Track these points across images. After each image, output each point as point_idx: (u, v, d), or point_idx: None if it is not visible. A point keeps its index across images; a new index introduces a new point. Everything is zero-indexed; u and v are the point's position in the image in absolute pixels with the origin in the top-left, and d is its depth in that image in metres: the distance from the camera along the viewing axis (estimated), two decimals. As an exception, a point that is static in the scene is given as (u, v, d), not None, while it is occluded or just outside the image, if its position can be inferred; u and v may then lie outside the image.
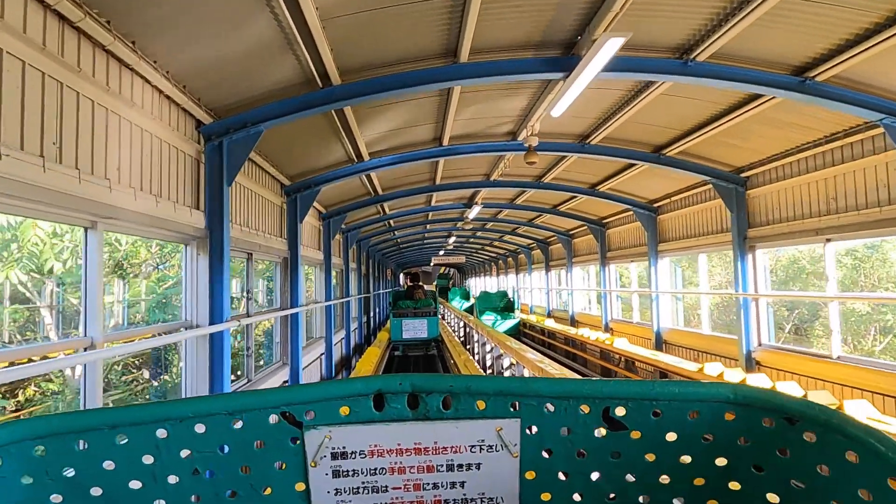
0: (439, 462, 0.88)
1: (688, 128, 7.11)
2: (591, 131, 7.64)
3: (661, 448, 0.85)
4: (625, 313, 13.89)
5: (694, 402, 0.84)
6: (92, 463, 0.80)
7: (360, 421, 0.85)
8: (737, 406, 0.83)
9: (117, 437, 0.81)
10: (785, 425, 0.79)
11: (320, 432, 0.85)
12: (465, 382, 0.87)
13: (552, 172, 10.26)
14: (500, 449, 0.88)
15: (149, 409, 0.83)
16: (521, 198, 13.29)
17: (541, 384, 0.87)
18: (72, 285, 6.82)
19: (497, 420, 0.87)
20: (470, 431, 0.87)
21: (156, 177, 4.14)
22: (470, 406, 0.87)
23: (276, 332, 7.76)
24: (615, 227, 13.38)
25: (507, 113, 7.07)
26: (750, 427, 0.83)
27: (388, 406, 0.86)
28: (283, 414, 0.84)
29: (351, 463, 0.86)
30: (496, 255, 31.18)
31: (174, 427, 0.82)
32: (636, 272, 12.99)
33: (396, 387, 0.86)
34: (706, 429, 0.84)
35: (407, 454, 0.88)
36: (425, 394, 0.86)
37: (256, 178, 6.63)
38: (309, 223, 9.51)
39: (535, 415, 0.86)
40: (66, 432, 0.80)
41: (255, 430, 0.83)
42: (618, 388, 0.85)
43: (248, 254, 6.42)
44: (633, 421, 0.85)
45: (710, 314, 10.44)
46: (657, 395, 0.84)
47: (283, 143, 6.60)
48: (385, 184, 10.31)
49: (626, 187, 10.74)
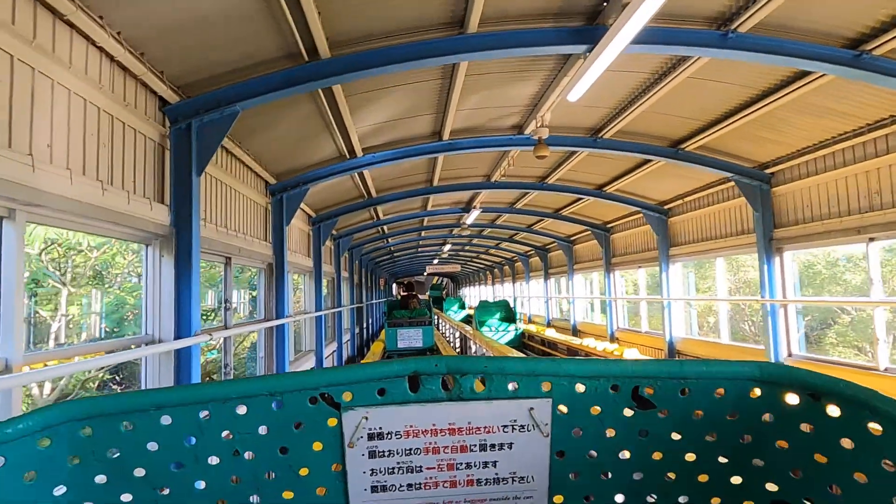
0: (472, 442, 0.88)
1: (711, 118, 6.50)
2: (604, 123, 7.02)
3: (687, 426, 0.86)
4: (632, 322, 13.22)
5: (720, 380, 0.85)
6: (136, 444, 0.80)
7: (396, 402, 0.86)
8: (762, 383, 0.84)
9: (162, 418, 0.80)
10: (809, 401, 0.80)
11: (358, 413, 0.85)
12: (499, 363, 0.88)
13: (557, 172, 9.65)
14: (532, 429, 0.88)
15: (193, 390, 0.82)
16: (522, 201, 12.67)
17: (572, 365, 0.87)
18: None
19: (529, 400, 0.87)
20: (502, 411, 0.87)
21: (104, 160, 3.41)
22: (503, 387, 0.87)
23: (260, 345, 6.96)
24: (621, 232, 12.76)
25: (515, 102, 6.41)
26: (774, 403, 0.83)
27: (424, 387, 0.86)
28: (321, 395, 0.84)
29: (387, 443, 0.87)
30: (492, 264, 30.41)
31: (216, 408, 0.82)
32: (644, 278, 12.27)
33: (432, 368, 0.86)
34: (732, 406, 0.85)
35: (441, 434, 0.88)
36: (460, 375, 0.87)
37: (237, 174, 5.90)
38: (297, 227, 8.79)
39: (565, 395, 0.87)
40: (113, 413, 0.80)
41: (294, 412, 0.83)
42: (647, 368, 0.86)
43: (225, 258, 5.66)
44: (661, 400, 0.85)
45: (728, 322, 9.69)
46: (685, 374, 0.85)
47: (267, 136, 5.89)
48: (379, 185, 9.63)
49: (636, 188, 10.14)
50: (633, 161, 8.68)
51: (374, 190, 9.70)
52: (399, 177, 9.43)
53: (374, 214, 12.08)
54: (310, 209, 9.54)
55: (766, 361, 0.86)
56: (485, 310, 17.72)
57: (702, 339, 10.33)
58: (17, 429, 0.75)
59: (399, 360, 0.87)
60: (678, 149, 7.41)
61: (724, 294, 9.52)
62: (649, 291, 12.60)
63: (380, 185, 9.65)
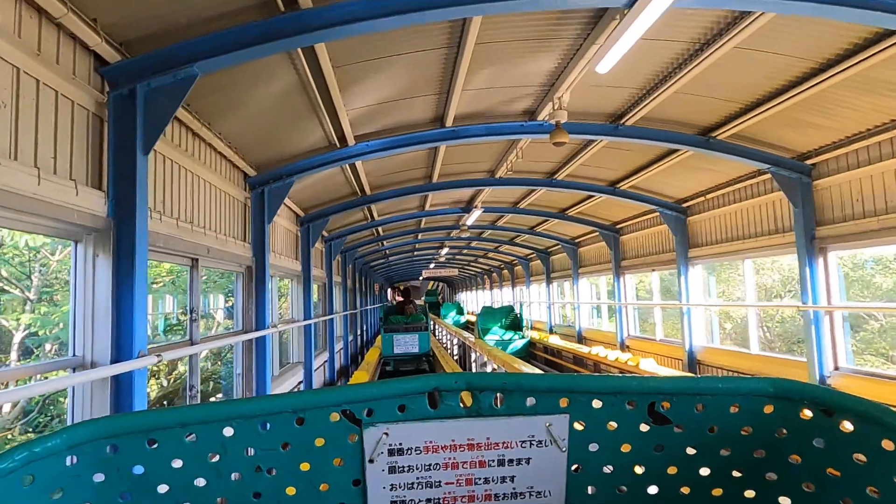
0: (491, 457, 0.90)
1: (752, 100, 5.72)
2: (627, 108, 6.25)
3: (702, 441, 0.88)
4: (644, 329, 12.42)
5: (735, 396, 0.87)
6: (161, 461, 0.82)
7: (416, 418, 0.88)
8: (776, 399, 0.86)
9: (186, 436, 0.82)
10: (822, 416, 0.82)
11: (378, 429, 0.87)
12: (518, 379, 0.90)
13: (568, 167, 8.89)
14: (549, 444, 0.90)
15: (218, 408, 0.84)
16: (526, 200, 11.92)
17: (590, 381, 0.90)
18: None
19: (547, 416, 0.89)
20: (521, 427, 0.89)
21: (4, 126, 2.52)
22: (521, 403, 0.89)
23: (237, 360, 6.04)
24: (632, 233, 11.99)
25: (530, 80, 5.60)
26: (788, 419, 0.85)
27: (444, 403, 0.88)
28: (343, 412, 0.86)
29: (406, 459, 0.89)
30: (490, 268, 29.55)
31: (240, 425, 0.83)
32: (658, 282, 11.44)
33: (452, 384, 0.88)
34: (746, 422, 0.87)
35: (460, 450, 0.89)
36: (479, 391, 0.88)
37: (207, 161, 5.01)
38: (283, 227, 7.93)
39: (583, 410, 0.89)
40: (138, 431, 0.82)
41: (316, 428, 0.86)
42: (663, 384, 0.89)
43: (191, 259, 4.75)
44: (677, 415, 0.88)
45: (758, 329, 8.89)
46: (701, 390, 0.88)
47: (242, 115, 5.03)
48: (374, 181, 8.81)
49: (653, 185, 9.40)
50: (653, 153, 7.91)
51: (369, 187, 8.89)
52: (396, 171, 8.61)
53: (369, 215, 11.27)
54: (297, 207, 8.68)
55: (780, 378, 0.86)
56: (488, 316, 16.53)
57: (725, 348, 9.51)
58: (46, 447, 0.77)
59: (419, 376, 0.88)
60: (709, 137, 6.62)
61: (752, 299, 8.59)
62: (663, 296, 11.79)
63: (375, 181, 8.83)
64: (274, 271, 7.21)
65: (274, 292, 8.00)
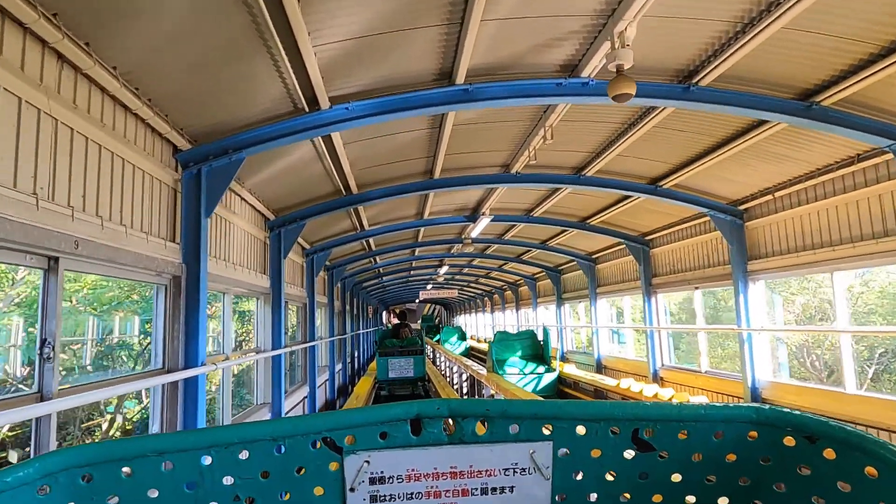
0: (474, 485, 1.26)
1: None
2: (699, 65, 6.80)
3: (687, 468, 1.25)
4: (680, 358, 14.39)
5: (719, 423, 1.23)
6: (137, 491, 1.13)
7: (397, 445, 1.23)
8: (759, 426, 1.22)
9: (163, 465, 1.13)
10: (805, 444, 1.17)
11: (359, 457, 1.20)
12: (501, 406, 1.26)
13: (596, 164, 10.52)
14: (533, 472, 1.24)
15: (196, 436, 1.18)
16: (541, 207, 14.25)
17: (573, 407, 1.26)
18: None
19: (530, 443, 1.24)
20: (504, 455, 1.25)
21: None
22: (504, 430, 1.25)
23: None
24: (666, 245, 14.66)
25: (574, 9, 5.73)
26: (772, 446, 1.21)
27: (426, 430, 1.24)
28: (324, 440, 1.20)
29: (388, 487, 1.23)
30: (491, 289, 34.62)
31: (219, 453, 1.15)
32: (700, 301, 13.69)
33: (434, 411, 1.23)
34: (730, 448, 1.24)
35: (443, 478, 1.24)
36: (461, 417, 1.23)
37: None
38: (242, 228, 9.42)
39: (567, 437, 1.24)
40: (114, 459, 1.12)
41: (296, 456, 1.20)
42: (647, 411, 1.26)
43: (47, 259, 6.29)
44: (661, 442, 1.24)
45: (855, 361, 9.26)
46: (684, 417, 1.24)
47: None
48: (361, 176, 10.24)
49: (700, 182, 11.02)
50: (713, 140, 9.06)
51: (355, 183, 10.27)
52: (388, 162, 9.97)
53: (357, 223, 14.09)
54: (265, 207, 10.24)
55: (762, 406, 1.25)
56: (505, 344, 17.90)
57: (802, 384, 10.64)
58: (17, 477, 1.06)
59: (401, 402, 1.25)
60: (811, 102, 7.10)
61: (844, 322, 9.42)
62: (708, 320, 13.82)
63: (362, 175, 10.18)
64: (221, 285, 8.31)
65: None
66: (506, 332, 20.56)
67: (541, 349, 17.66)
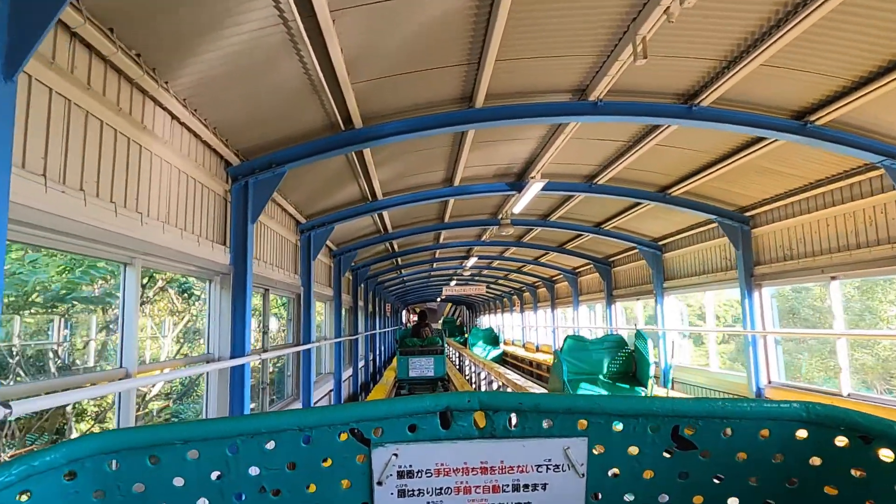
0: (505, 482, 1.25)
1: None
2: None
3: (730, 468, 1.22)
4: (794, 374, 13.07)
5: (765, 421, 1.19)
6: (162, 478, 1.16)
7: (426, 439, 1.23)
8: (809, 424, 1.17)
9: (189, 453, 1.15)
10: (860, 444, 1.11)
11: (387, 450, 1.21)
12: (534, 400, 1.24)
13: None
14: (567, 469, 1.23)
15: (222, 424, 1.18)
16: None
17: (609, 402, 1.24)
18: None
19: (564, 439, 1.22)
20: (537, 450, 1.24)
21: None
22: (537, 425, 1.24)
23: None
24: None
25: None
26: (822, 446, 1.16)
27: (455, 424, 1.23)
28: (351, 431, 1.20)
29: (417, 482, 1.23)
30: (510, 290, 33.19)
31: (245, 443, 1.17)
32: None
33: (465, 404, 1.22)
34: (777, 448, 1.20)
35: (473, 473, 1.23)
36: (493, 411, 1.23)
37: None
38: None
39: (602, 434, 1.23)
40: (141, 447, 1.15)
41: (323, 447, 1.21)
42: (688, 407, 1.23)
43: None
44: (703, 440, 1.20)
45: None
46: (728, 414, 1.20)
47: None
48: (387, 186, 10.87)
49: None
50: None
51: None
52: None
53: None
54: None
55: (814, 402, 1.16)
56: (580, 355, 12.90)
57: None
58: (45, 461, 1.05)
59: (430, 394, 1.24)
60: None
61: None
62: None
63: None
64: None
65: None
66: (581, 337, 14.43)
67: (633, 365, 12.76)
